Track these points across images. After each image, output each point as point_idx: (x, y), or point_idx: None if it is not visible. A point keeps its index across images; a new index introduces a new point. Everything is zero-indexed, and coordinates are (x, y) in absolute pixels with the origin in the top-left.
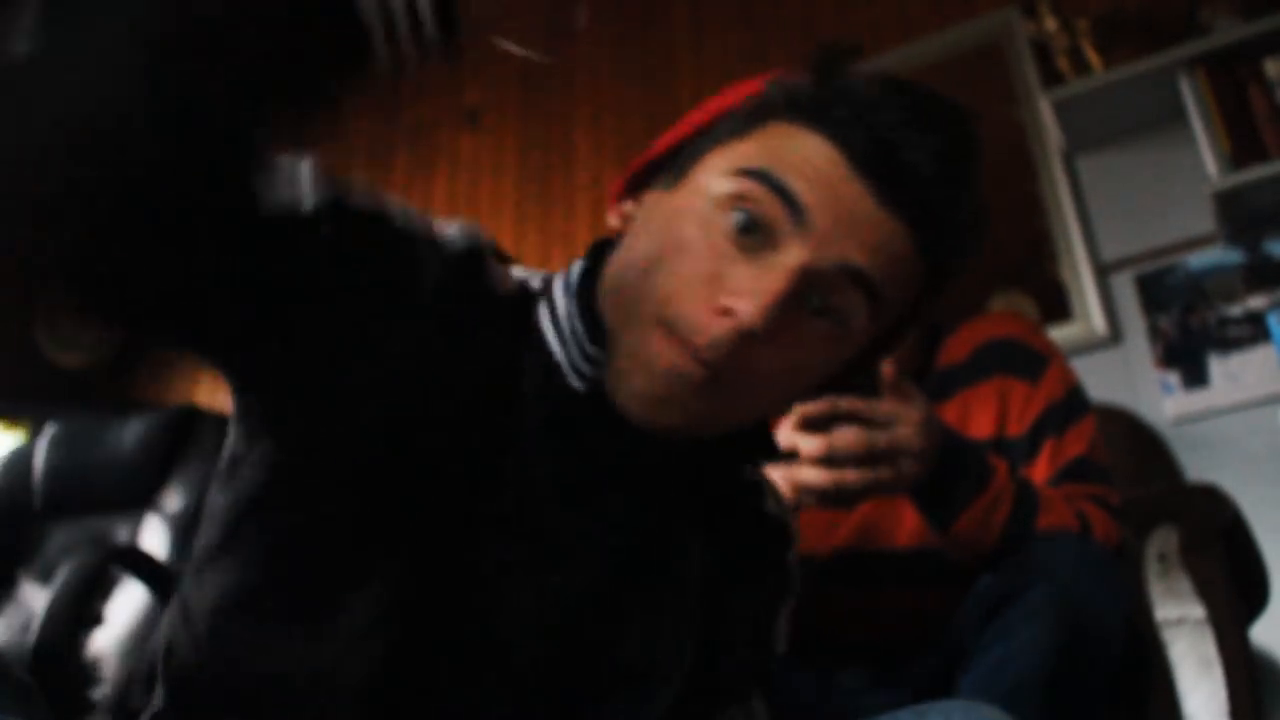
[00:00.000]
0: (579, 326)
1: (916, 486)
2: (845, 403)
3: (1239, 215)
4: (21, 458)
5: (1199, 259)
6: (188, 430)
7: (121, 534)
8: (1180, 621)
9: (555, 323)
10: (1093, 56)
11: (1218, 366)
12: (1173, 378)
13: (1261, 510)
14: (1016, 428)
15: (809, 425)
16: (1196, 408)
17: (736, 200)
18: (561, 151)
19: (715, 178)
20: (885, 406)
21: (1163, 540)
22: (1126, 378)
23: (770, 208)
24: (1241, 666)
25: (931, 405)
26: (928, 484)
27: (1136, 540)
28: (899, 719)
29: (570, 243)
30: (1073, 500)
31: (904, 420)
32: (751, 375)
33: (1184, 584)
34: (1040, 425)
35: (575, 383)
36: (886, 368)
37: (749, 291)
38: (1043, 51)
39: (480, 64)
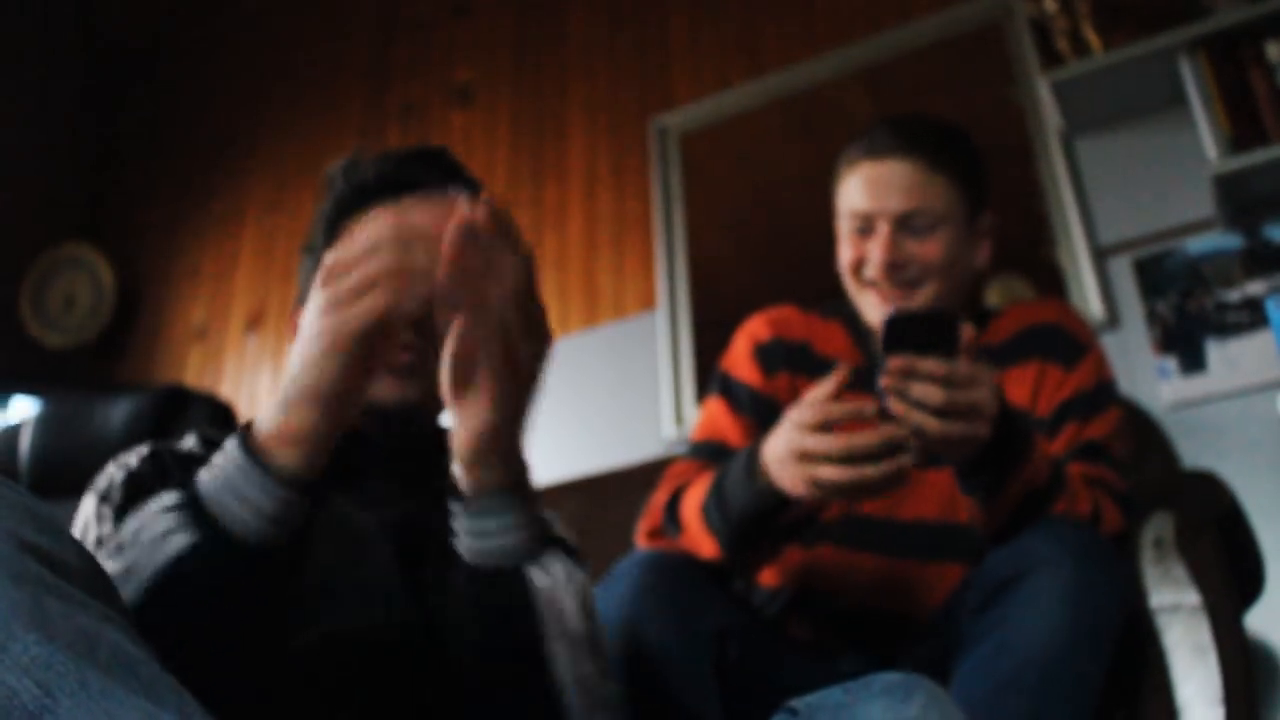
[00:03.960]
0: None
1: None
2: (929, 364)
3: (1239, 199)
4: (8, 439)
5: (1198, 243)
6: (175, 410)
7: None
8: (1175, 608)
9: None
10: (1093, 38)
11: (1215, 352)
12: (1170, 363)
13: (1258, 497)
14: (1045, 408)
15: (899, 376)
16: (1194, 393)
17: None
18: (554, 129)
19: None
20: (964, 368)
21: (1158, 526)
22: (1123, 362)
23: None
24: (1236, 653)
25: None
26: (986, 449)
27: (1132, 526)
28: (848, 689)
29: (562, 219)
30: (1091, 487)
31: (981, 381)
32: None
33: (1179, 570)
34: (1066, 408)
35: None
36: (968, 331)
37: None
38: (1042, 32)
39: (472, 41)
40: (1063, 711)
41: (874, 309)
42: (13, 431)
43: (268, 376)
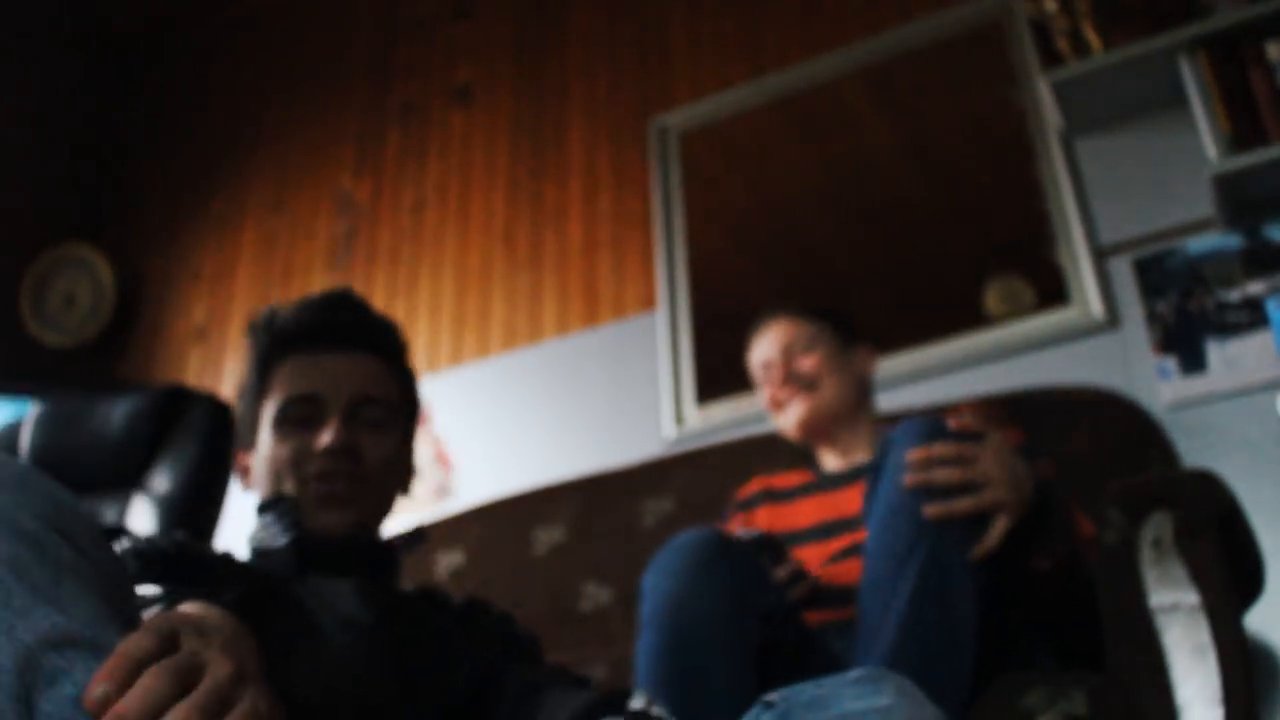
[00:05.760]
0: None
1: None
2: (939, 448)
3: (1238, 199)
4: (8, 438)
5: (1198, 243)
6: (176, 411)
7: (109, 514)
8: (1174, 608)
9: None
10: (1093, 37)
11: (1215, 352)
12: (1170, 363)
13: (1258, 497)
14: None
15: (921, 466)
16: (1194, 393)
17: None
18: (554, 129)
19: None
20: (966, 448)
21: (1157, 526)
22: (1123, 362)
23: (301, 409)
24: (1236, 654)
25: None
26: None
27: (1131, 526)
28: (821, 683)
29: (563, 221)
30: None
31: (981, 456)
32: (364, 479)
33: (1178, 570)
34: None
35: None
36: (955, 422)
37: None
38: (1042, 32)
39: (472, 41)
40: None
41: (790, 415)
42: (13, 431)
43: None
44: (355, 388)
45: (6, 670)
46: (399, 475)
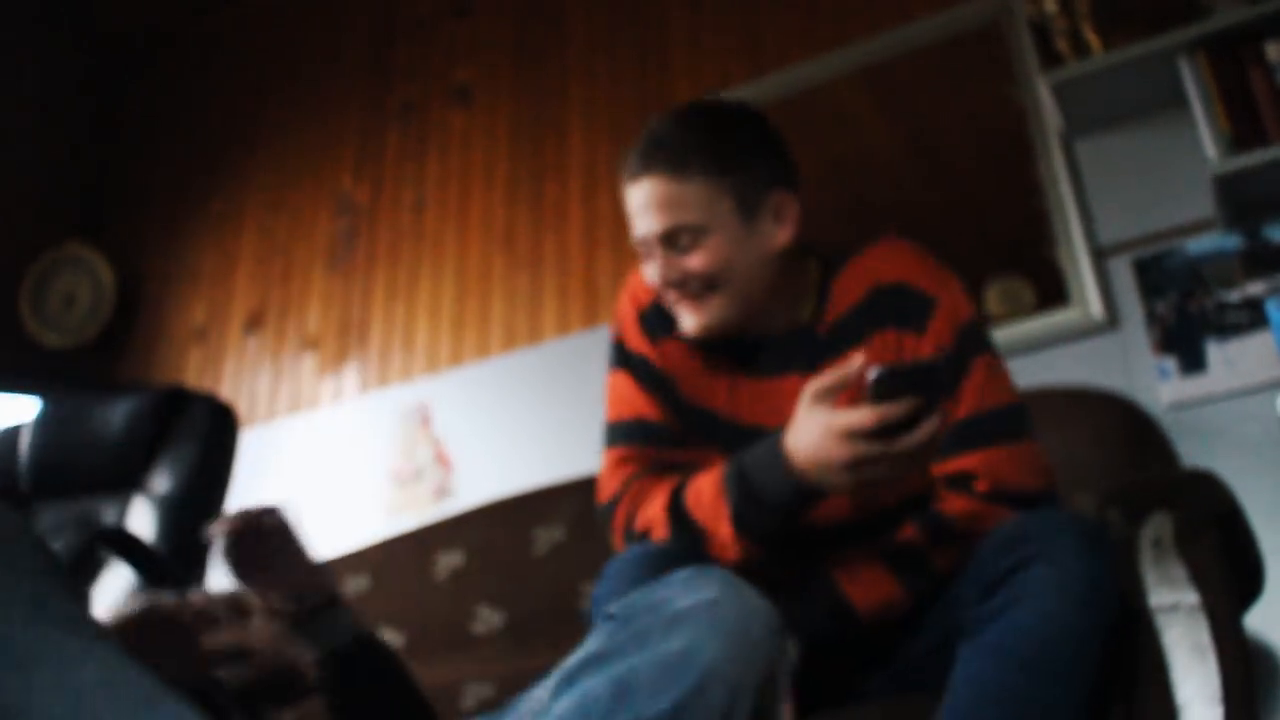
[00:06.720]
0: None
1: None
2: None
3: (1238, 199)
4: (8, 439)
5: (1197, 243)
6: (175, 411)
7: (109, 515)
8: (1174, 608)
9: None
10: (1092, 38)
11: (1215, 352)
12: (1170, 363)
13: (1257, 497)
14: None
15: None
16: (1193, 394)
17: None
18: (554, 129)
19: None
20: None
21: (1157, 526)
22: (1123, 363)
23: None
24: (1235, 653)
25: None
26: None
27: (1131, 526)
28: (652, 588)
29: (563, 221)
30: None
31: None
32: None
33: (1178, 570)
34: None
35: None
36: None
37: None
38: (1042, 33)
39: (472, 41)
40: (1065, 687)
41: (684, 320)
42: (13, 431)
43: (267, 376)
44: None
45: (13, 640)
46: None
